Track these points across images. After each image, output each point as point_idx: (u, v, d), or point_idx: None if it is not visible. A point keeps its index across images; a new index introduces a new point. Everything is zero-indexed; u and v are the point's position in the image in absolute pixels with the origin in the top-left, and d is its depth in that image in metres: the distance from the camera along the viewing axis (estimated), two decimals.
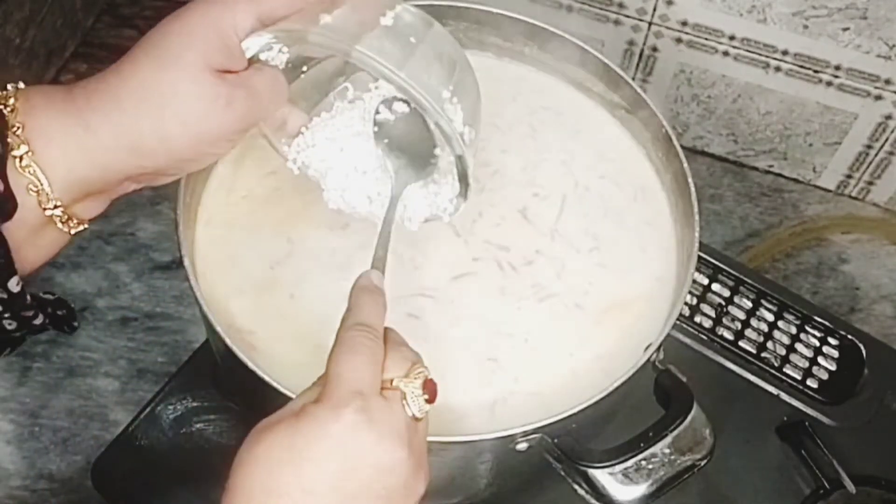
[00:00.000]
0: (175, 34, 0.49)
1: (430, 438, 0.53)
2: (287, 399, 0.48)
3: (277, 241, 0.61)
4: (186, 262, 0.56)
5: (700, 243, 0.60)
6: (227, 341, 0.53)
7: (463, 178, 0.55)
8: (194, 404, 0.71)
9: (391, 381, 0.47)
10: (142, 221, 0.85)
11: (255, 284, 0.60)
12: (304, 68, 0.57)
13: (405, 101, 0.57)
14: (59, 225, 0.50)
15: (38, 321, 0.53)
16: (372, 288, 0.50)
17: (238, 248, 0.61)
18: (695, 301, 0.77)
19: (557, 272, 0.62)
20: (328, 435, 0.44)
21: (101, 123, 0.49)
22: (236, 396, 0.68)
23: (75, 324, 0.60)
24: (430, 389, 0.47)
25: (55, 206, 0.49)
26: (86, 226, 0.53)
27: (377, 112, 0.57)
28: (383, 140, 0.57)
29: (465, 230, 0.63)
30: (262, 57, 0.52)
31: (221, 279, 0.60)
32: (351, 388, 0.45)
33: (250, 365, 0.52)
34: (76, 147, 0.49)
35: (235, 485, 0.44)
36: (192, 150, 0.50)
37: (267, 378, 0.52)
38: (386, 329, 0.49)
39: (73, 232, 0.52)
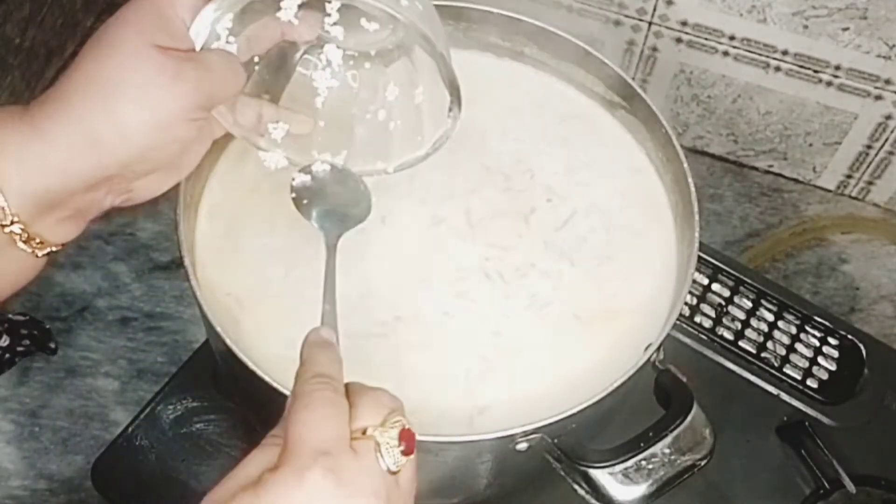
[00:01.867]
0: (115, 24, 0.49)
1: (430, 439, 0.53)
2: (287, 399, 0.48)
3: (280, 239, 0.61)
4: (186, 262, 0.56)
5: (700, 243, 0.60)
6: (227, 341, 0.53)
7: (453, 87, 0.54)
8: (194, 404, 0.71)
9: (364, 430, 0.43)
10: (142, 221, 0.85)
11: (256, 284, 0.60)
12: (256, 59, 0.56)
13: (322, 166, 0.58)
14: (21, 245, 0.49)
15: (3, 343, 0.52)
16: (324, 343, 0.48)
17: (239, 245, 0.61)
18: (695, 301, 0.77)
19: (557, 272, 0.62)
20: (291, 501, 0.40)
21: (54, 126, 0.47)
22: (236, 396, 0.68)
23: (52, 345, 0.60)
24: (406, 439, 0.44)
25: (12, 222, 0.48)
26: (53, 248, 0.51)
27: (293, 180, 0.57)
28: (303, 202, 0.57)
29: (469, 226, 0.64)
30: (213, 47, 0.51)
31: (221, 279, 0.60)
32: (313, 446, 0.41)
33: (250, 365, 0.52)
34: (31, 156, 0.47)
35: None
36: (151, 136, 0.48)
37: (267, 378, 0.52)
38: (352, 383, 0.47)
39: (39, 254, 0.50)
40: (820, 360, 0.76)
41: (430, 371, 0.58)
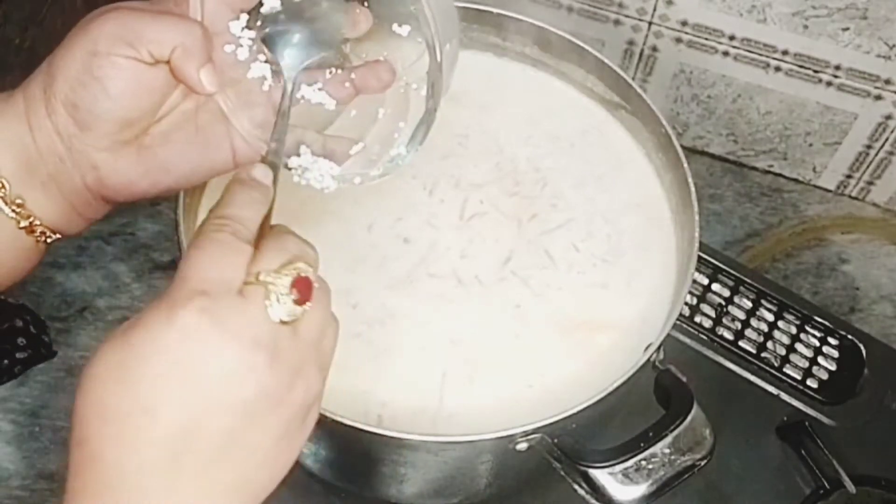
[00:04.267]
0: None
1: (430, 439, 0.53)
2: None
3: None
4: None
5: (700, 243, 0.60)
6: None
7: (429, 115, 0.52)
8: None
9: (257, 275, 0.40)
10: (142, 221, 0.84)
11: None
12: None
13: None
14: (2, 205, 0.49)
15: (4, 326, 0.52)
16: (248, 181, 0.45)
17: None
18: (695, 301, 0.77)
19: (557, 272, 0.62)
20: (162, 343, 0.38)
21: (31, 86, 0.49)
22: None
23: (45, 338, 0.60)
24: (301, 288, 0.41)
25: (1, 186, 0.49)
26: (44, 230, 0.51)
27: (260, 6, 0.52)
28: (265, 30, 0.52)
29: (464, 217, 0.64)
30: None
31: None
32: (193, 286, 0.39)
33: None
34: (15, 121, 0.49)
35: (74, 410, 0.40)
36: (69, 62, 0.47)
37: None
38: (276, 225, 0.44)
39: (22, 223, 0.50)
40: (820, 360, 0.76)
41: (406, 373, 0.58)
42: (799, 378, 0.75)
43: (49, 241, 0.52)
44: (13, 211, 0.50)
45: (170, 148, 0.51)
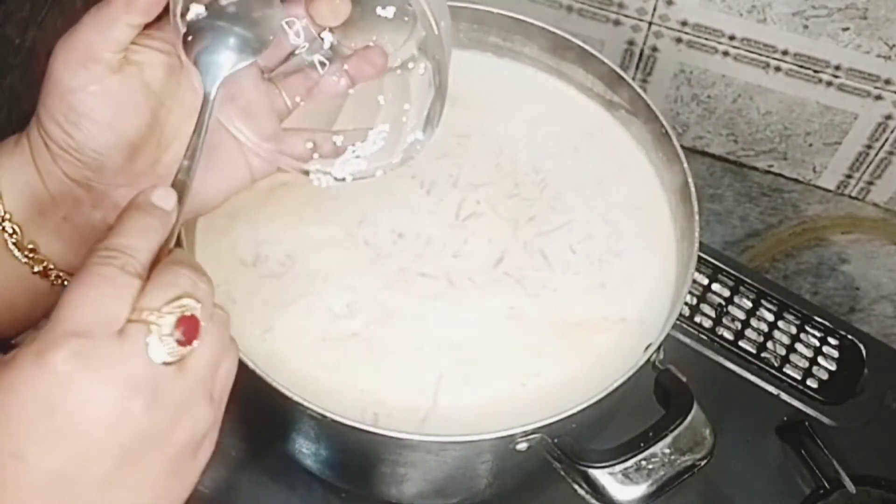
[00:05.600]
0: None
1: (429, 438, 0.53)
2: (286, 399, 0.48)
3: (283, 238, 0.61)
4: None
5: (700, 243, 0.60)
6: None
7: (440, 93, 0.51)
8: None
9: (141, 312, 0.38)
10: None
11: (257, 283, 0.60)
12: (298, 99, 0.55)
13: None
14: (15, 251, 0.49)
15: None
16: (146, 206, 0.42)
17: (240, 244, 0.61)
18: (695, 301, 0.77)
19: (553, 273, 0.62)
20: (32, 388, 0.36)
21: (33, 133, 0.48)
22: (235, 395, 0.68)
23: None
24: (187, 328, 0.39)
25: (3, 219, 0.48)
26: (59, 273, 0.50)
27: (184, 14, 0.49)
28: (188, 38, 0.49)
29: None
30: None
31: (222, 278, 0.60)
32: (68, 327, 0.37)
33: (250, 365, 0.52)
34: (18, 153, 0.49)
35: None
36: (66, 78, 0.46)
37: (267, 378, 0.52)
38: (173, 250, 0.42)
39: (35, 268, 0.49)
40: (820, 360, 0.76)
41: (402, 373, 0.58)
42: (799, 378, 0.75)
43: (65, 283, 0.51)
44: (26, 256, 0.50)
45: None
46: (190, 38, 0.48)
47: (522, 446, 0.54)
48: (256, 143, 0.52)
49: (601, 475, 0.54)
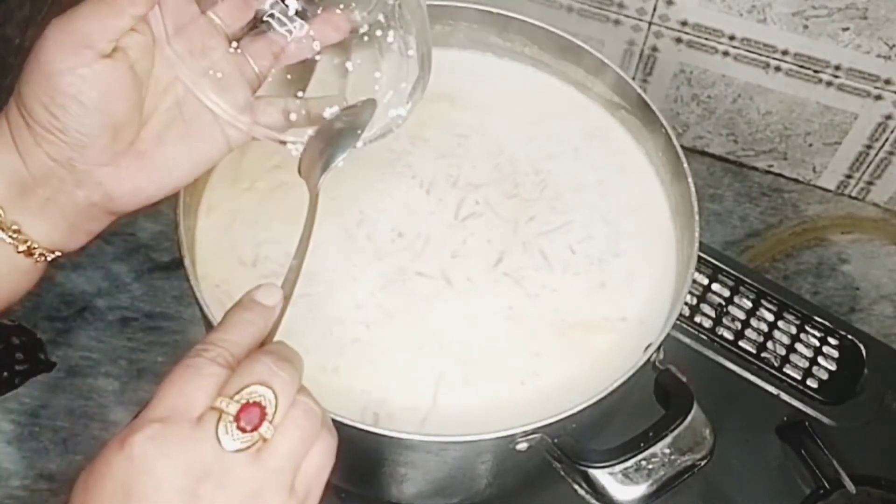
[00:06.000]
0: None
1: (429, 438, 0.53)
2: None
3: (282, 238, 0.61)
4: (186, 262, 0.56)
5: (700, 243, 0.60)
6: None
7: (425, 60, 0.53)
8: None
9: (218, 401, 0.41)
10: (142, 221, 0.84)
11: (257, 284, 0.60)
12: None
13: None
14: (8, 240, 0.49)
15: None
16: (246, 303, 0.45)
17: (236, 242, 0.61)
18: (695, 301, 0.77)
19: (552, 273, 0.62)
20: (113, 470, 0.39)
21: (11, 100, 0.48)
22: None
23: (42, 356, 0.60)
24: (248, 416, 0.40)
25: None
26: (43, 251, 0.51)
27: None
28: (300, 160, 0.54)
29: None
30: None
31: (222, 279, 0.60)
32: (152, 414, 0.40)
33: None
34: (4, 148, 0.49)
35: None
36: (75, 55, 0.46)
37: None
38: (273, 343, 0.45)
39: (20, 248, 0.50)
40: (820, 360, 0.76)
41: (403, 373, 0.58)
42: (799, 378, 0.75)
43: (49, 258, 0.52)
44: (10, 236, 0.50)
45: (165, 148, 0.51)
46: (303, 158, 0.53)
47: (522, 446, 0.54)
48: (233, 116, 0.52)
49: (601, 475, 0.54)
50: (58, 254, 0.52)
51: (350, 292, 0.60)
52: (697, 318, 0.76)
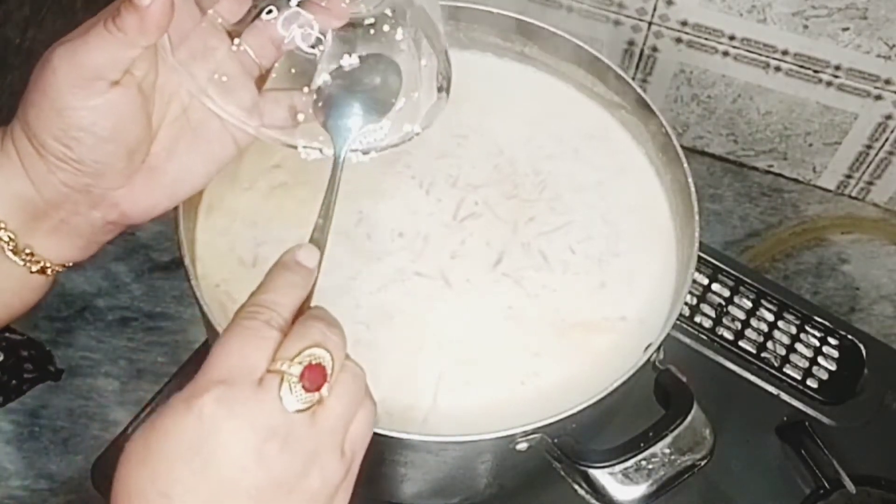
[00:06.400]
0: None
1: (429, 438, 0.53)
2: None
3: (282, 238, 0.61)
4: (186, 262, 0.56)
5: (700, 243, 0.60)
6: None
7: (445, 78, 0.53)
8: None
9: (277, 363, 0.41)
10: None
11: (257, 284, 0.60)
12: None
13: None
14: (11, 256, 0.49)
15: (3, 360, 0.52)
16: (291, 264, 0.46)
17: (240, 244, 0.61)
18: (695, 301, 0.77)
19: (552, 273, 0.62)
20: (180, 429, 0.40)
21: (16, 127, 0.48)
22: None
23: (52, 368, 0.60)
24: (313, 376, 0.41)
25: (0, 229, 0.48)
26: (55, 268, 0.51)
27: (317, 80, 0.52)
28: (318, 105, 0.53)
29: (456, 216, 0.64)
30: None
31: (222, 279, 0.60)
32: (214, 375, 0.41)
33: None
34: (7, 163, 0.48)
35: (112, 490, 0.41)
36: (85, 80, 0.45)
37: None
38: (314, 307, 0.45)
39: (33, 268, 0.50)
40: (820, 360, 0.76)
41: (402, 373, 0.58)
42: (799, 378, 0.75)
43: (61, 270, 0.52)
44: (23, 260, 0.50)
45: (176, 160, 0.51)
46: (320, 103, 0.52)
47: (522, 446, 0.54)
48: (240, 120, 0.52)
49: (601, 475, 0.54)
50: (70, 264, 0.52)
51: (350, 292, 0.60)
52: (697, 318, 0.76)
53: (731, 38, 0.82)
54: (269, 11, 0.53)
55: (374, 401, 0.45)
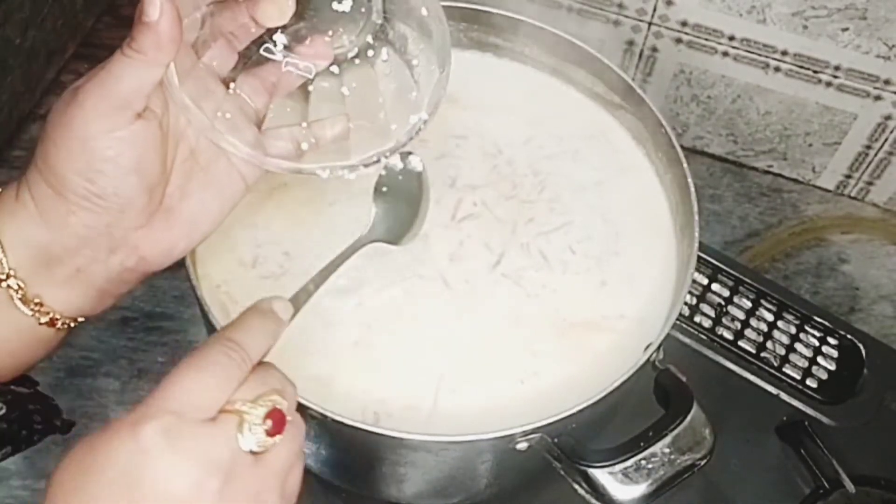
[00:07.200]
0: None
1: (430, 438, 0.53)
2: None
3: (281, 239, 0.62)
4: (187, 263, 0.57)
5: (700, 243, 0.60)
6: None
7: (444, 58, 0.54)
8: None
9: (236, 403, 0.42)
10: None
11: (258, 284, 0.60)
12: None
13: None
14: (20, 305, 0.49)
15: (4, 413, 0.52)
16: (267, 311, 0.47)
17: (240, 245, 0.61)
18: (695, 301, 0.77)
19: (552, 273, 0.62)
20: (119, 455, 0.39)
21: (32, 173, 0.48)
22: None
23: (58, 423, 0.60)
24: (275, 420, 0.42)
25: (8, 276, 0.48)
26: (65, 321, 0.50)
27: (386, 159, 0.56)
28: (382, 189, 0.58)
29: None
30: None
31: (223, 279, 0.60)
32: (168, 405, 0.40)
33: None
34: (21, 210, 0.48)
35: (47, 489, 0.41)
36: (107, 124, 0.46)
37: None
38: (267, 362, 0.46)
39: (42, 320, 0.49)
40: (819, 360, 0.76)
41: (403, 373, 0.58)
42: (798, 378, 0.75)
43: (72, 325, 0.52)
44: (31, 310, 0.50)
45: (190, 200, 0.52)
46: (384, 188, 0.59)
47: (522, 446, 0.54)
48: (247, 153, 0.53)
49: (601, 475, 0.54)
50: (81, 320, 0.52)
51: (350, 293, 0.60)
52: (697, 318, 0.76)
53: (731, 38, 0.82)
54: (259, 60, 0.54)
55: (304, 455, 0.46)
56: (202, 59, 0.52)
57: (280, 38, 0.53)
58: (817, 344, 0.77)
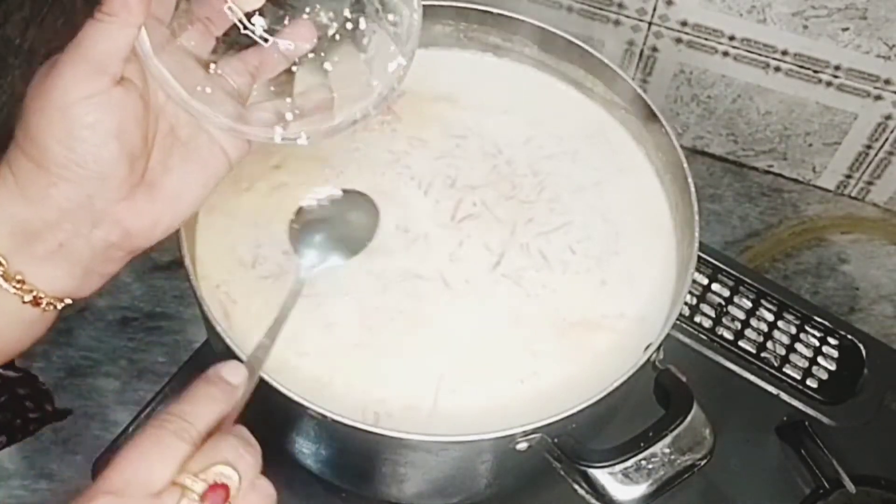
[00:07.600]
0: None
1: (430, 438, 0.53)
2: (286, 399, 0.48)
3: (281, 239, 0.61)
4: (187, 263, 0.57)
5: (700, 243, 0.60)
6: (228, 341, 0.53)
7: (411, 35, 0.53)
8: None
9: (181, 476, 0.41)
10: None
11: (258, 284, 0.60)
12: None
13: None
14: (2, 283, 0.48)
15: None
16: (213, 378, 0.46)
17: (240, 245, 0.61)
18: (695, 301, 0.77)
19: (552, 273, 0.62)
20: None
21: (12, 149, 0.48)
22: None
23: (49, 407, 0.59)
24: (214, 496, 0.41)
25: None
26: (50, 300, 0.50)
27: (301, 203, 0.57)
28: (294, 227, 0.58)
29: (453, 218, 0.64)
30: None
31: (222, 279, 0.60)
32: (106, 485, 0.40)
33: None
34: (7, 197, 0.48)
35: None
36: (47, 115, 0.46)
37: (267, 378, 0.52)
38: (236, 427, 0.45)
39: (25, 298, 0.49)
40: (820, 360, 0.76)
41: (403, 373, 0.58)
42: (799, 378, 0.75)
43: (59, 307, 0.51)
44: (14, 287, 0.49)
45: (172, 174, 0.51)
46: (296, 225, 0.58)
47: (522, 446, 0.54)
48: (228, 126, 0.52)
49: (601, 475, 0.54)
50: (68, 301, 0.51)
51: (350, 293, 0.60)
52: (697, 318, 0.76)
53: (731, 38, 0.82)
54: (241, 43, 0.54)
55: None
56: (180, 40, 0.52)
57: (259, 20, 0.53)
58: (817, 344, 0.77)
